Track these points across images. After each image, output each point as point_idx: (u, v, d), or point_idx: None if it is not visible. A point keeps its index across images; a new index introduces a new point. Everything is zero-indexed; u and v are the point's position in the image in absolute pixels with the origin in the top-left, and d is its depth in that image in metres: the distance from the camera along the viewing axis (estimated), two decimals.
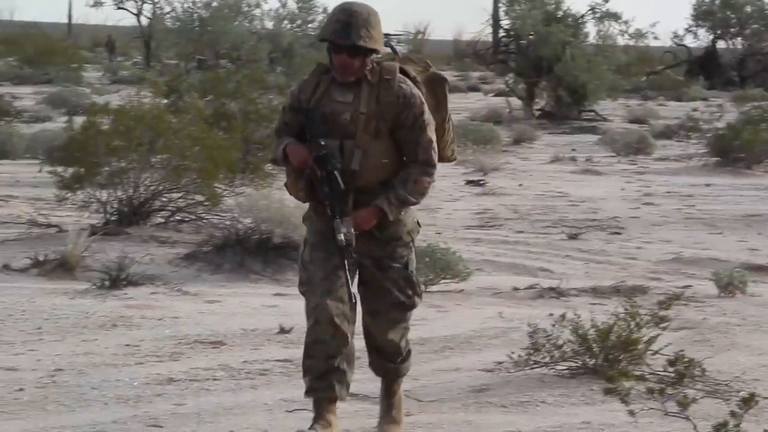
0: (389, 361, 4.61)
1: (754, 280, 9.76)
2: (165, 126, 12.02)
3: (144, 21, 52.24)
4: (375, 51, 4.21)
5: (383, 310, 4.41)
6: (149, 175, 11.60)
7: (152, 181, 11.65)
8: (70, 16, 73.18)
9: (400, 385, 4.69)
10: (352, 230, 4.09)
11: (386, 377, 4.66)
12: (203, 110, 14.35)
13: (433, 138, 4.28)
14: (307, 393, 4.20)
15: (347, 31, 4.05)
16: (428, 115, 4.26)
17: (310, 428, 4.11)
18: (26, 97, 29.98)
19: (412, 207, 4.35)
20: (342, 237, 4.01)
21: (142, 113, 12.06)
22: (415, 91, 4.27)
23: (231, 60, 41.20)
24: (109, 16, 53.13)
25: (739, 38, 48.94)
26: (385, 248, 4.28)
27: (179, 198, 11.93)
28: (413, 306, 4.50)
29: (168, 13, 47.58)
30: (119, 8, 52.91)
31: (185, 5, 44.88)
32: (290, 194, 4.59)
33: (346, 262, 4.08)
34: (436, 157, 4.29)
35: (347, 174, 4.09)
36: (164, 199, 11.88)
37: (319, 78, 4.30)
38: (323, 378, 4.12)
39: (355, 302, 4.21)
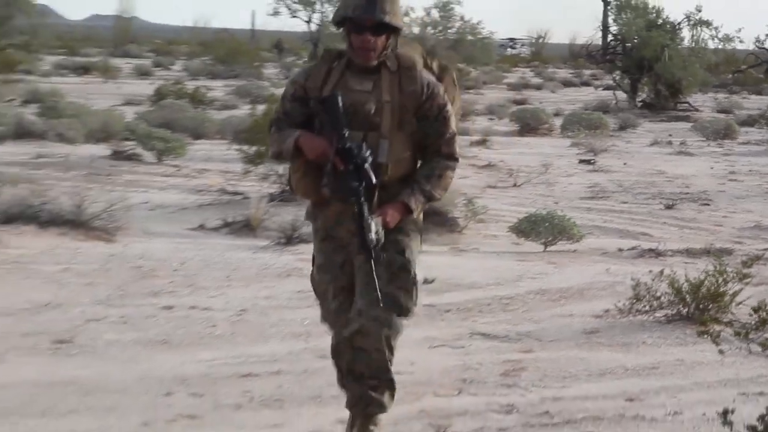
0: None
1: None
2: None
3: (313, 27, 53.58)
4: (398, 30, 3.19)
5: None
6: None
7: None
8: (253, 24, 75.98)
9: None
10: (381, 229, 3.12)
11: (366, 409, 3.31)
12: None
13: (457, 130, 3.33)
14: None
15: (372, 7, 3.03)
16: (451, 107, 3.31)
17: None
18: (218, 89, 30.46)
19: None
20: (373, 236, 3.04)
21: None
22: (437, 81, 3.31)
23: None
24: (285, 23, 54.61)
25: None
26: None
27: None
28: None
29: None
30: (293, 17, 54.39)
31: None
32: (296, 192, 3.46)
33: (374, 265, 3.06)
34: (459, 150, 3.35)
35: (374, 168, 3.09)
36: None
37: (329, 65, 3.25)
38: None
39: (399, 303, 3.20)
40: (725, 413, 2.62)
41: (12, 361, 4.93)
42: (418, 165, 3.24)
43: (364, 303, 3.10)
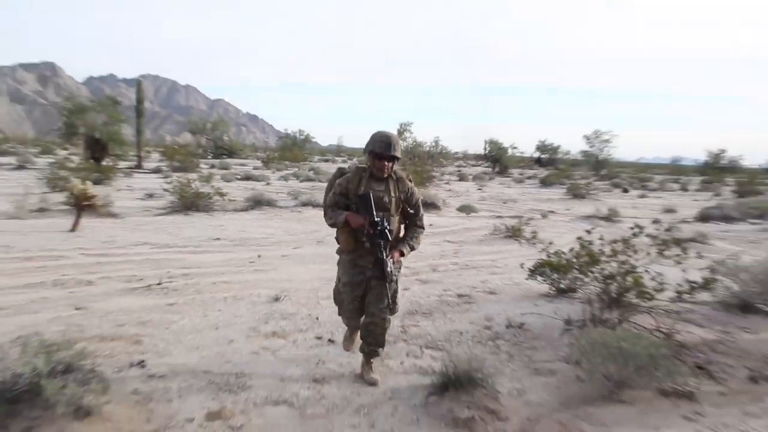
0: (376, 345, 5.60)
1: None
2: None
3: None
4: (398, 159, 5.31)
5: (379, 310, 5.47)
6: None
7: None
8: None
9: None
10: (393, 264, 5.26)
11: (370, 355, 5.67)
12: None
13: (423, 212, 5.65)
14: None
15: (389, 149, 5.20)
16: (420, 199, 5.57)
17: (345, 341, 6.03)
18: None
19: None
20: (390, 269, 5.17)
21: None
22: (412, 185, 5.52)
23: None
24: None
25: None
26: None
27: None
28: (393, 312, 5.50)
29: None
30: None
31: None
32: (341, 244, 5.50)
33: (388, 285, 5.23)
34: (426, 222, 5.71)
35: (389, 232, 5.21)
36: None
37: (360, 175, 5.33)
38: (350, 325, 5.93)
39: (391, 307, 5.40)
40: (522, 265, 10.00)
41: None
42: (403, 230, 5.58)
43: (377, 306, 5.42)
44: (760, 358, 6.70)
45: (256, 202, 18.40)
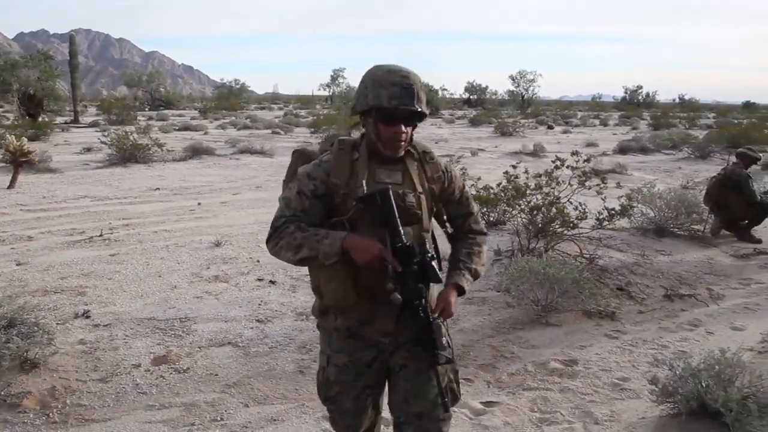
0: None
1: None
2: None
3: None
4: (425, 118, 2.47)
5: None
6: None
7: None
8: None
9: None
10: (447, 330, 2.46)
11: None
12: None
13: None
14: None
15: (410, 97, 2.35)
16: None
17: None
18: None
19: None
20: (444, 341, 2.32)
21: None
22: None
23: None
24: None
25: None
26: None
27: None
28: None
29: None
30: None
31: None
32: (328, 300, 2.48)
33: (439, 369, 2.40)
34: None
35: (436, 264, 2.38)
36: None
37: (351, 158, 2.45)
38: None
39: (447, 404, 2.47)
40: None
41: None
42: (454, 243, 2.68)
43: (422, 405, 2.49)
44: (673, 278, 6.94)
45: (195, 152, 18.03)
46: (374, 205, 2.33)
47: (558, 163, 7.11)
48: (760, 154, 11.46)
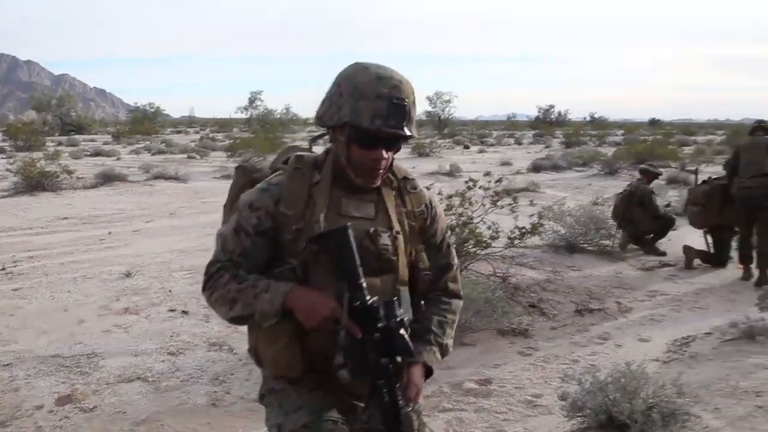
0: None
1: None
2: None
3: None
4: (410, 140, 1.90)
5: None
6: None
7: None
8: None
9: None
10: (420, 420, 1.99)
11: None
12: None
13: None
14: None
15: (401, 119, 1.78)
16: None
17: None
18: None
19: None
20: (416, 424, 1.89)
21: None
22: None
23: None
24: None
25: None
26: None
27: None
28: None
29: None
30: None
31: None
32: (270, 368, 1.94)
33: None
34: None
35: (406, 330, 1.77)
36: None
37: (309, 183, 1.88)
38: None
39: None
40: None
41: None
42: (424, 304, 2.07)
43: None
44: (584, 293, 7.13)
45: (106, 178, 17.53)
46: (330, 249, 1.80)
47: (471, 183, 7.23)
48: (662, 170, 11.98)
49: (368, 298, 1.77)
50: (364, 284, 1.78)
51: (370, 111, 1.76)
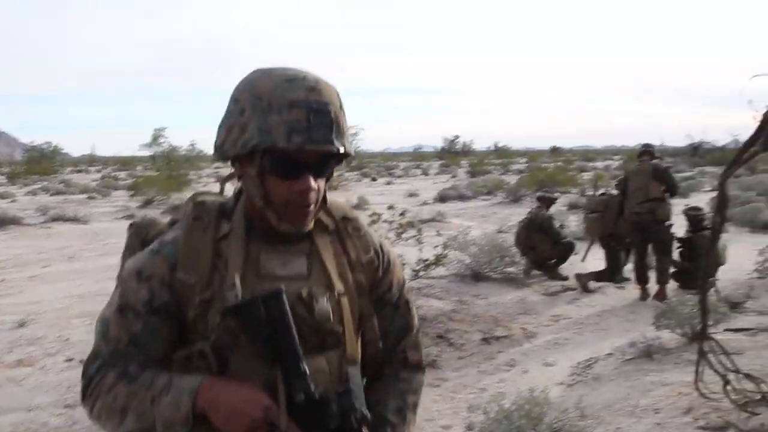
0: None
1: None
2: None
3: None
4: (346, 159, 1.44)
5: None
6: None
7: None
8: None
9: None
10: None
11: None
12: None
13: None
14: None
15: (326, 126, 1.32)
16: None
17: None
18: None
19: None
20: None
21: None
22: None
23: None
24: None
25: None
26: None
27: None
28: None
29: None
30: None
31: None
32: None
33: None
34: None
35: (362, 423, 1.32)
36: None
37: (213, 234, 1.41)
38: None
39: None
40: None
41: None
42: (377, 381, 1.57)
43: None
44: (490, 321, 7.26)
45: (0, 222, 16.69)
46: (256, 323, 1.29)
47: (375, 217, 7.27)
48: (557, 194, 12.44)
49: (312, 387, 1.28)
50: (306, 369, 1.29)
51: (284, 125, 1.29)
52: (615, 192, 9.06)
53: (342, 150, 1.36)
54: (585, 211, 9.48)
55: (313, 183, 1.35)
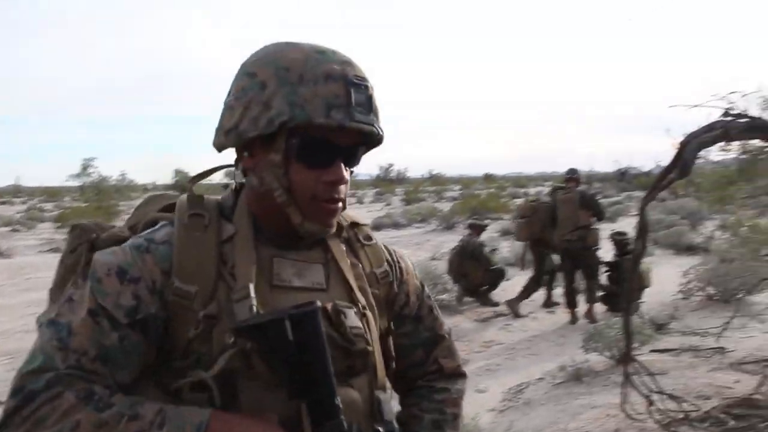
0: None
1: None
2: None
3: None
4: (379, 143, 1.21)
5: None
6: None
7: None
8: None
9: None
10: None
11: None
12: None
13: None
14: None
15: (368, 104, 1.13)
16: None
17: None
18: None
19: None
20: None
21: None
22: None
23: None
24: None
25: None
26: None
27: None
28: None
29: None
30: None
31: None
32: None
33: None
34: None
35: None
36: None
37: (216, 236, 1.15)
38: None
39: None
40: None
41: None
42: (409, 397, 1.40)
43: None
44: None
45: None
46: (279, 345, 1.03)
47: None
48: (487, 221, 12.64)
49: (345, 426, 1.06)
50: (339, 403, 1.06)
51: (320, 99, 1.09)
52: (545, 199, 9.29)
53: (382, 132, 1.18)
54: (514, 217, 9.67)
55: (344, 172, 1.16)
